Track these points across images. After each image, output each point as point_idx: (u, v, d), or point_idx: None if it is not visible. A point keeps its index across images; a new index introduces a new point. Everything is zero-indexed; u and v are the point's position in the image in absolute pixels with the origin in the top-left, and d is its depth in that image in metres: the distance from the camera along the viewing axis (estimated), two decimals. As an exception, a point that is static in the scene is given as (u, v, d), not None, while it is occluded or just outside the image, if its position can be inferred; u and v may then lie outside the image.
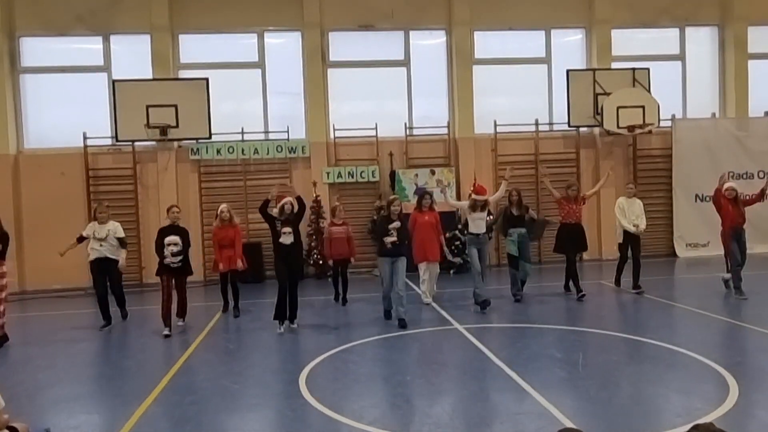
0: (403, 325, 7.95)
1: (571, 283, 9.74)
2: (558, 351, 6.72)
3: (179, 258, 8.19)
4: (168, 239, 8.16)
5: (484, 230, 9.18)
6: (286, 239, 8.04)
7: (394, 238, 8.21)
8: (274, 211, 8.23)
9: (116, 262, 8.84)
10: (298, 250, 8.35)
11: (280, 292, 8.07)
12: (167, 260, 8.15)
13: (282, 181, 13.33)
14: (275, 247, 8.16)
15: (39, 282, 12.58)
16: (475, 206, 9.07)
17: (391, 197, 8.79)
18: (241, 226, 10.15)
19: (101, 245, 8.66)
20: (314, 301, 10.32)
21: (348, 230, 10.04)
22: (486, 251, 9.50)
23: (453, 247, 12.74)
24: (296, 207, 8.13)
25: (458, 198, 13.36)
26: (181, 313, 8.58)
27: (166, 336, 8.00)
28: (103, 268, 8.79)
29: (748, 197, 9.50)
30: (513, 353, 6.75)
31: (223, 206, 9.50)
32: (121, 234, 8.86)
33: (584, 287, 9.52)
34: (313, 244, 12.75)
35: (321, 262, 12.49)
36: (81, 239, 8.80)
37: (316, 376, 6.09)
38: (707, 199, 13.96)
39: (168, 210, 8.56)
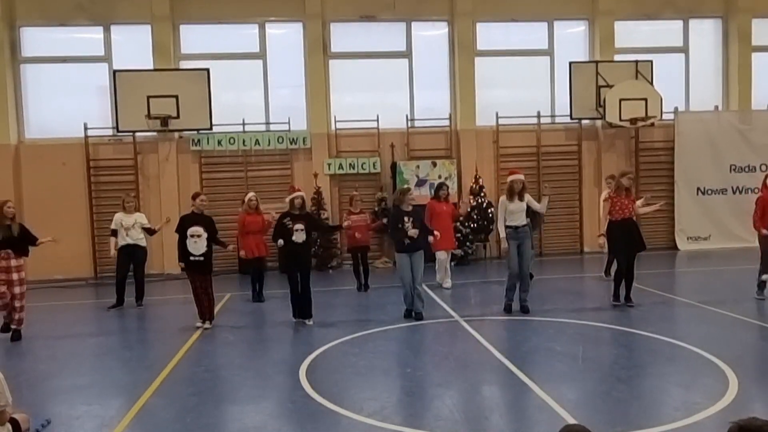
0: (419, 318, 7.90)
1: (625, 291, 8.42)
2: (558, 344, 6.72)
3: (203, 251, 7.77)
4: (191, 230, 7.77)
5: (524, 221, 8.03)
6: (299, 237, 7.76)
7: (416, 231, 7.81)
8: (285, 200, 8.09)
9: (142, 249, 9.57)
10: (308, 249, 8.03)
11: (293, 292, 7.91)
12: (191, 257, 7.76)
13: (282, 172, 13.36)
14: (286, 246, 7.85)
15: (40, 272, 12.52)
16: (512, 194, 8.07)
17: (405, 187, 8.45)
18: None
19: (128, 234, 9.41)
20: (314, 293, 10.32)
21: (367, 218, 10.14)
22: (528, 247, 8.15)
23: (454, 239, 12.76)
24: (307, 201, 7.98)
25: (459, 190, 13.37)
26: (209, 314, 7.98)
27: (199, 327, 7.85)
28: (129, 254, 9.46)
29: None
30: (513, 346, 6.76)
31: (251, 194, 9.82)
32: (146, 224, 9.66)
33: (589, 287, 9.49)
34: (314, 235, 12.68)
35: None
36: (114, 233, 9.50)
37: (316, 368, 6.10)
38: (709, 192, 14.04)
39: (194, 197, 8.16)
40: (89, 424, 4.87)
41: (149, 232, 9.73)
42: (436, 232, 8.47)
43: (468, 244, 12.88)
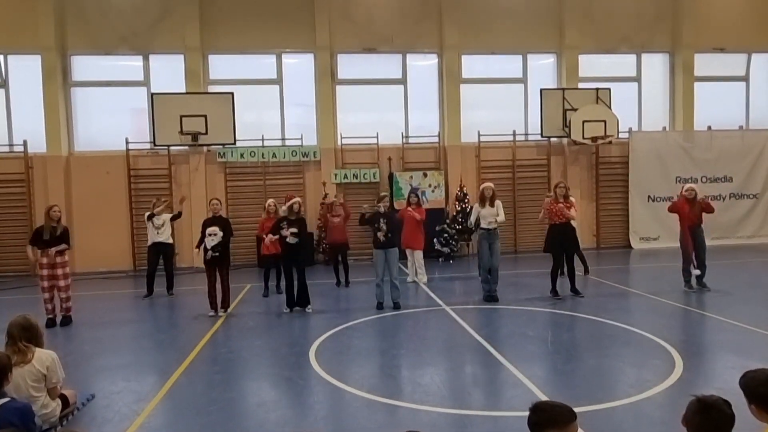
0: (397, 307, 7.89)
1: (575, 283, 8.52)
2: (530, 329, 6.70)
3: (218, 248, 7.66)
4: (209, 230, 7.73)
5: (494, 225, 8.14)
6: (292, 239, 7.76)
7: (384, 232, 7.88)
8: (283, 209, 8.05)
9: (171, 245, 9.50)
10: (299, 249, 7.85)
11: (287, 285, 7.95)
12: (208, 254, 7.68)
13: (296, 180, 13.31)
14: (282, 246, 7.89)
15: (86, 265, 12.49)
16: (483, 200, 8.22)
17: (382, 194, 8.41)
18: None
19: (158, 233, 9.29)
20: (322, 284, 10.28)
21: (343, 220, 10.00)
22: (497, 246, 8.22)
23: (441, 239, 12.74)
24: (302, 208, 7.94)
25: (446, 197, 13.36)
26: (224, 304, 7.88)
27: (212, 316, 7.78)
28: (158, 251, 9.37)
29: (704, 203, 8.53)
30: (492, 331, 6.73)
31: (270, 201, 9.47)
32: (172, 213, 9.57)
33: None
34: (322, 235, 12.68)
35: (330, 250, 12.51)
36: (150, 217, 9.34)
37: (323, 350, 6.07)
38: (658, 199, 14.05)
39: (209, 202, 8.27)
40: (128, 398, 4.83)
41: (177, 216, 9.56)
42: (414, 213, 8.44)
43: (453, 243, 12.85)
